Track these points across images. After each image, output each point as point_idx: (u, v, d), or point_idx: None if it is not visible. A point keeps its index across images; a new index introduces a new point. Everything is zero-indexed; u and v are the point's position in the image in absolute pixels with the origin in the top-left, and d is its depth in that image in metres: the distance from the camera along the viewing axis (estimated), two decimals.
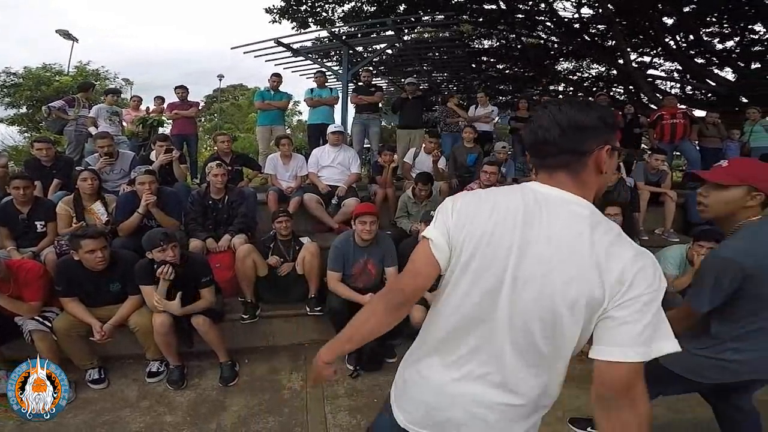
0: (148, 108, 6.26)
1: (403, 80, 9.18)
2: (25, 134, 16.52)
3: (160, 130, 5.81)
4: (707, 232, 3.13)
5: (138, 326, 2.62)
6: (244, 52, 7.47)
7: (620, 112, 6.28)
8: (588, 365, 0.82)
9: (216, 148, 4.50)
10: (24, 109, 16.67)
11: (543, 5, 9.40)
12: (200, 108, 6.30)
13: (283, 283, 3.18)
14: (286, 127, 10.89)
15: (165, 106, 5.99)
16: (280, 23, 10.09)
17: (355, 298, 2.81)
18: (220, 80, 24.79)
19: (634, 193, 4.30)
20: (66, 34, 17.89)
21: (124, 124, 5.66)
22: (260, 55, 7.67)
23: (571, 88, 11.76)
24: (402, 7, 9.66)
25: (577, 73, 11.95)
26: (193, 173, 5.53)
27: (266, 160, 4.53)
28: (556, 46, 10.79)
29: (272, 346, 3.16)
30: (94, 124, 5.22)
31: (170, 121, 5.84)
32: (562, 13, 9.57)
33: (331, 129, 4.49)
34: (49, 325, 2.53)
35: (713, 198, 1.41)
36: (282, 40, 7.21)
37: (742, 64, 8.88)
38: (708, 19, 8.60)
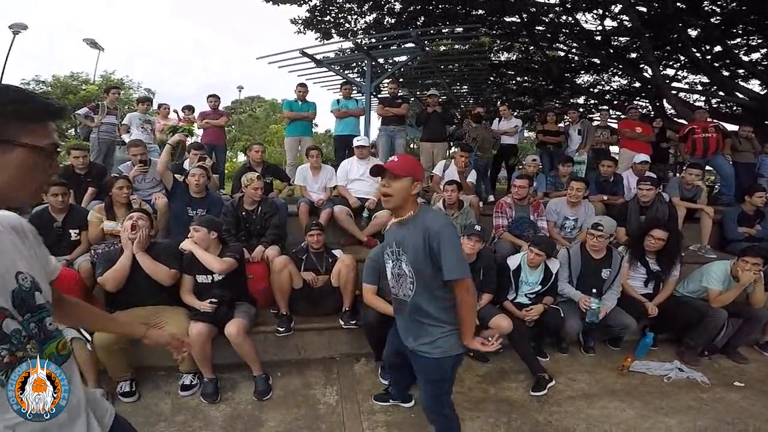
0: (176, 112, 6.32)
1: (421, 93, 9.24)
2: None
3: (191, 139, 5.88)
4: (753, 248, 3.22)
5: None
6: (269, 63, 7.60)
7: (650, 125, 6.16)
8: (630, 379, 0.79)
9: (248, 157, 4.51)
10: None
11: (565, 17, 9.36)
12: (229, 118, 6.36)
13: (317, 295, 3.14)
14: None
15: (196, 115, 6.06)
16: (304, 34, 10.26)
17: (390, 311, 2.73)
18: (240, 91, 25.25)
19: (672, 209, 4.18)
20: (92, 43, 18.49)
21: (156, 132, 5.74)
22: (284, 66, 7.78)
23: (593, 101, 11.64)
24: (421, 19, 9.74)
25: (598, 86, 11.84)
26: (220, 183, 5.58)
27: (296, 171, 4.54)
28: (577, 58, 10.73)
29: (304, 360, 3.11)
30: (127, 131, 5.32)
31: (200, 130, 5.91)
32: (585, 25, 9.53)
33: (356, 143, 4.50)
34: (88, 337, 2.50)
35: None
36: (306, 51, 7.30)
37: None
38: (734, 30, 8.46)
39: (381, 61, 8.51)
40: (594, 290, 3.14)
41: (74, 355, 2.43)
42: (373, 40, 8.89)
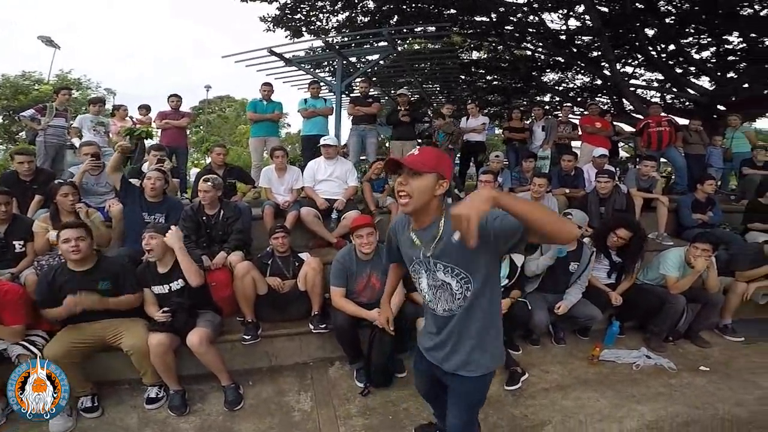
0: (132, 118, 6.03)
1: (394, 92, 9.23)
2: (0, 147, 15.95)
3: (150, 141, 5.62)
4: (703, 235, 3.38)
5: (133, 349, 2.45)
6: (236, 62, 7.38)
7: (608, 121, 6.40)
8: (601, 368, 0.79)
9: (209, 159, 4.35)
10: (0, 120, 16.07)
11: (533, 17, 9.57)
12: (191, 119, 6.11)
13: (284, 300, 3.06)
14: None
15: (153, 115, 5.77)
16: (274, 32, 10.05)
17: (360, 313, 2.71)
18: (207, 91, 24.52)
19: (629, 200, 4.42)
20: (48, 41, 17.46)
21: (111, 135, 5.44)
22: (252, 65, 7.58)
23: (558, 98, 11.98)
24: (395, 19, 9.73)
25: (563, 84, 12.20)
26: (181, 188, 5.34)
27: (260, 173, 4.41)
28: (543, 57, 11.01)
29: (276, 366, 3.03)
30: (78, 134, 5.00)
31: (159, 131, 5.64)
32: (550, 24, 9.77)
33: (322, 142, 4.39)
34: (35, 351, 2.32)
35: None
36: (275, 50, 7.13)
37: (719, 73, 9.19)
38: (687, 30, 8.89)
39: (353, 59, 8.43)
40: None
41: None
42: (345, 39, 8.81)
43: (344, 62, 7.65)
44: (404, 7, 9.53)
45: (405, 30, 8.19)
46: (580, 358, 3.17)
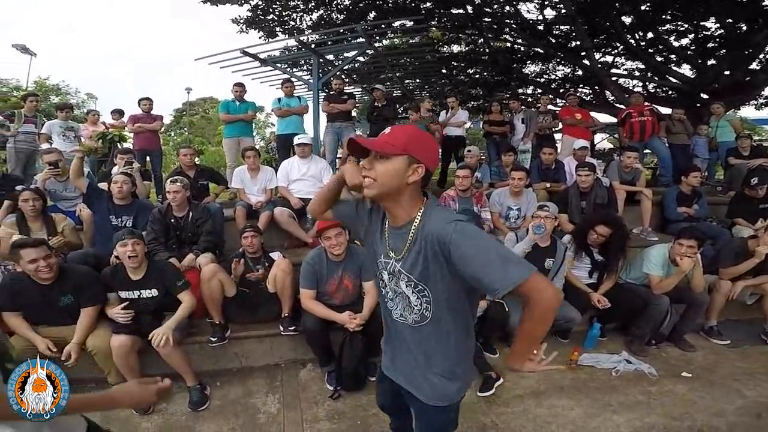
0: (104, 123, 5.94)
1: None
2: None
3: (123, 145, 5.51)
4: (687, 230, 3.13)
5: (96, 349, 2.48)
6: (209, 63, 7.22)
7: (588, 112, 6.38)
8: (579, 374, 0.73)
9: (179, 162, 4.27)
10: None
11: (508, 8, 9.53)
12: (163, 122, 6.02)
13: (254, 302, 3.01)
14: (260, 140, 10.65)
15: (125, 119, 5.70)
16: (247, 33, 9.89)
17: (331, 316, 2.66)
18: (188, 93, 24.19)
19: (611, 193, 4.24)
20: (23, 49, 17.08)
21: (82, 139, 5.34)
22: (226, 66, 7.44)
23: (540, 90, 11.98)
24: (372, 15, 9.63)
25: (545, 76, 12.18)
26: (158, 190, 5.27)
27: (233, 174, 4.33)
28: (522, 49, 10.99)
29: (246, 368, 2.99)
30: (47, 140, 4.94)
31: (132, 135, 5.55)
32: (526, 15, 9.75)
33: (296, 141, 4.32)
34: None
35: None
36: (249, 50, 7.01)
37: (700, 61, 9.23)
38: (663, 17, 8.89)
39: (330, 57, 8.33)
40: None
41: None
42: (321, 37, 8.70)
43: (321, 60, 7.54)
44: (380, 2, 9.41)
45: (383, 26, 8.10)
46: (558, 362, 3.02)
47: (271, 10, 9.55)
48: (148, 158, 5.52)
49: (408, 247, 1.14)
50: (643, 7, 8.50)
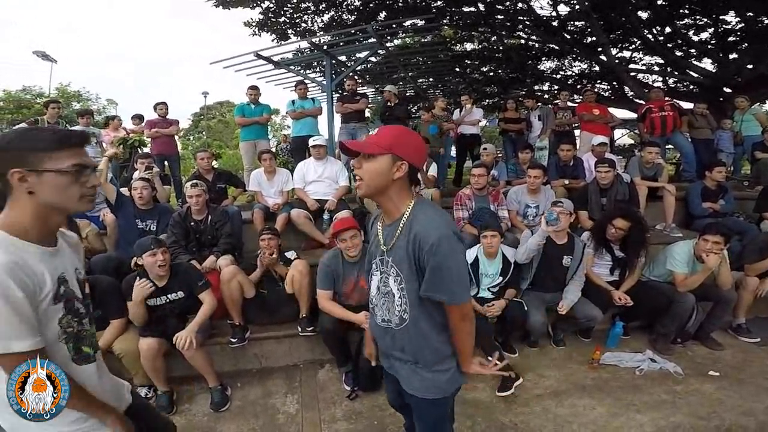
0: (125, 128, 6.09)
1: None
2: None
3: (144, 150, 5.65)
4: (713, 226, 3.03)
5: (124, 352, 2.54)
6: (224, 67, 7.31)
7: (606, 108, 6.25)
8: (601, 373, 0.71)
9: (197, 166, 4.35)
10: None
11: (521, 5, 9.41)
12: (179, 126, 6.14)
13: (273, 303, 3.04)
14: (277, 142, 10.78)
15: (144, 123, 5.83)
16: (260, 36, 9.98)
17: (348, 317, 2.66)
18: (205, 97, 24.68)
19: (632, 189, 4.13)
20: (43, 55, 17.62)
21: (104, 145, 5.49)
22: (241, 70, 7.53)
23: (556, 87, 11.79)
24: (383, 15, 9.63)
25: (560, 72, 11.99)
26: (177, 194, 5.37)
27: (250, 177, 4.39)
28: (537, 45, 10.83)
29: (265, 369, 3.03)
30: None
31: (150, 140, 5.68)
32: (540, 11, 9.60)
33: (311, 142, 4.35)
34: None
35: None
36: (262, 53, 7.08)
37: (721, 54, 8.96)
38: (680, 11, 8.66)
39: (343, 58, 8.36)
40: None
41: None
42: (333, 38, 8.73)
43: (333, 61, 7.57)
44: (390, 2, 9.40)
45: (394, 25, 8.09)
46: (579, 361, 2.98)
47: (282, 12, 9.63)
48: (166, 163, 5.63)
49: (397, 237, 1.23)
50: (659, 2, 8.28)
